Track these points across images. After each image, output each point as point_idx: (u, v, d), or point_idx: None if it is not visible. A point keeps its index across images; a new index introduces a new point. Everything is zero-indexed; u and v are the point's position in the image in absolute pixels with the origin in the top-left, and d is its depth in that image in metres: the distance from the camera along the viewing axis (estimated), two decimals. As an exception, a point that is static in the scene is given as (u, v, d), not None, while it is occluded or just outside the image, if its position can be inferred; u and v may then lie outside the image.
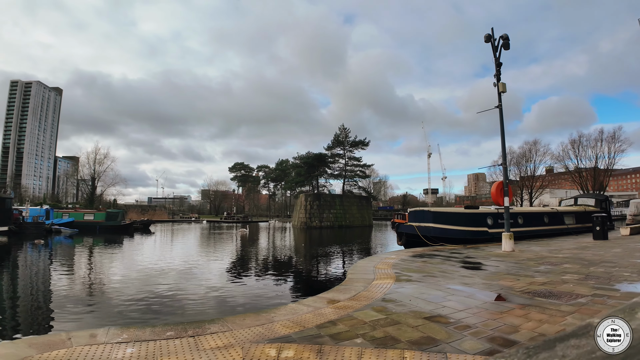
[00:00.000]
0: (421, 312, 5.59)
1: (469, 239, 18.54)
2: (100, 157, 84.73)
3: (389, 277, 8.76)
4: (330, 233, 42.44)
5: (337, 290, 7.71)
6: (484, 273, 9.11)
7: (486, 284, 7.74)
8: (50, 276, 14.55)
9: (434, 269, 9.79)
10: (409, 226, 19.83)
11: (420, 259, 12.11)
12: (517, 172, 70.01)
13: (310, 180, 62.26)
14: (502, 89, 14.83)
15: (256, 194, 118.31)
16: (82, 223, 41.10)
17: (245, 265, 17.88)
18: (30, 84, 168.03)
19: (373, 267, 10.29)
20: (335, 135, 64.91)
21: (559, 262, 10.54)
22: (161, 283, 12.47)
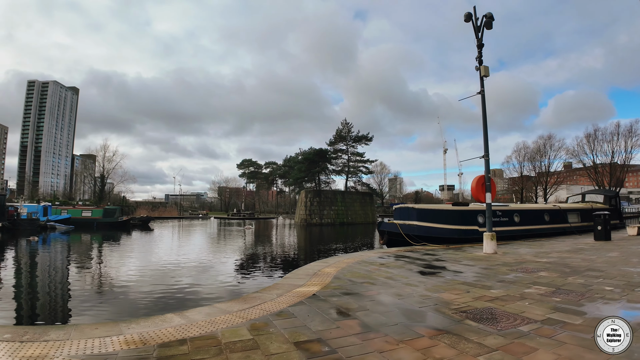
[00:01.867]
0: (300, 334, 4.41)
1: (456, 239, 17.02)
2: (110, 154, 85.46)
3: (319, 284, 7.48)
4: (328, 230, 41.09)
5: (243, 299, 6.61)
6: (436, 281, 7.66)
7: (424, 296, 6.31)
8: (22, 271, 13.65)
9: (382, 275, 8.38)
10: (391, 224, 18.38)
11: (381, 260, 10.73)
12: (532, 167, 67.32)
13: (311, 177, 60.72)
14: (484, 73, 13.22)
15: (265, 190, 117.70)
16: (80, 220, 40.86)
17: (186, 262, 16.69)
18: (47, 84, 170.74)
19: (317, 271, 9.03)
20: (337, 130, 63.42)
21: (536, 269, 8.99)
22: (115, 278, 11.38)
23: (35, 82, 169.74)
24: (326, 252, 20.90)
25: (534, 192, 66.58)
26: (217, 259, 18.23)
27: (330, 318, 5.09)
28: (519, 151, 69.34)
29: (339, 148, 63.88)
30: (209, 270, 14.60)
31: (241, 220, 67.71)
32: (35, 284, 12.49)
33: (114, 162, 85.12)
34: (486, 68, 13.19)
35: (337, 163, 63.39)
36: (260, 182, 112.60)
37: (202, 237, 34.68)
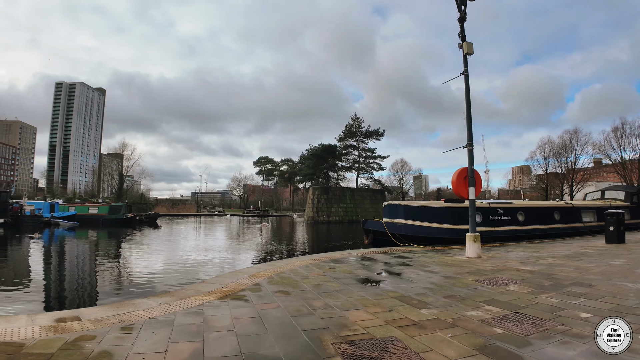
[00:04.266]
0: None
1: (447, 239, 15.30)
2: (128, 153, 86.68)
3: (224, 292, 6.11)
4: (334, 228, 39.57)
5: (117, 305, 5.35)
6: (368, 293, 6.19)
7: (329, 313, 4.87)
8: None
9: (312, 282, 6.98)
10: (377, 222, 16.81)
11: (335, 263, 9.24)
12: (557, 163, 63.63)
13: (319, 173, 59.09)
14: (467, 50, 11.51)
15: (282, 188, 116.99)
16: (86, 216, 40.96)
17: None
18: (74, 85, 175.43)
19: (253, 273, 7.82)
20: (347, 125, 61.38)
21: (508, 281, 7.33)
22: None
23: (62, 83, 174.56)
24: (311, 251, 19.49)
25: (560, 189, 63.00)
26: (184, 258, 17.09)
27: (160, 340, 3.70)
28: (544, 146, 65.70)
29: (349, 144, 61.96)
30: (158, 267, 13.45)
31: (257, 218, 67.08)
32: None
33: (132, 160, 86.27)
34: (469, 45, 11.48)
35: (347, 159, 61.71)
36: (278, 180, 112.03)
37: (203, 235, 33.78)
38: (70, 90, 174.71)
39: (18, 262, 15.12)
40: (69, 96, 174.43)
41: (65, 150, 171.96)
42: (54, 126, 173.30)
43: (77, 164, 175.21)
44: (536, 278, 7.52)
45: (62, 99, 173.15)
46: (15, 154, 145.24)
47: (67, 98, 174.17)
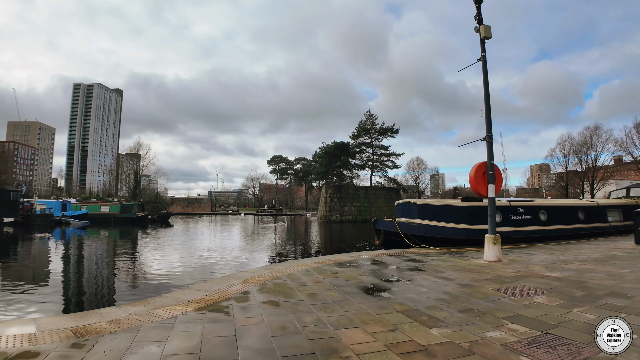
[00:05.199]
0: None
1: (464, 240, 14.35)
2: (143, 152, 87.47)
3: (206, 302, 5.32)
4: (347, 228, 38.58)
5: (82, 315, 4.69)
6: (372, 305, 5.34)
7: (317, 332, 4.05)
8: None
9: (309, 291, 6.17)
10: (389, 222, 15.90)
11: (340, 268, 8.40)
12: (577, 161, 61.47)
13: (332, 172, 57.95)
14: (485, 34, 10.51)
15: (296, 187, 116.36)
16: (98, 215, 40.97)
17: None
18: (92, 87, 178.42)
19: (246, 279, 7.07)
20: (360, 122, 60.06)
21: (534, 291, 6.41)
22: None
23: (80, 85, 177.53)
24: (318, 252, 18.66)
25: (580, 187, 60.89)
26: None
27: None
28: (564, 144, 63.57)
29: (362, 141, 60.65)
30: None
31: (271, 216, 66.58)
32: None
33: (147, 160, 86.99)
34: (487, 28, 10.47)
35: (361, 157, 60.53)
36: (292, 179, 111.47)
37: (215, 234, 33.23)
38: (88, 92, 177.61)
39: (17, 262, 14.65)
40: (87, 97, 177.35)
41: (84, 151, 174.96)
42: (72, 127, 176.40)
43: (95, 163, 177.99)
44: (566, 287, 6.57)
45: (80, 100, 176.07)
46: (34, 154, 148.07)
47: (85, 99, 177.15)
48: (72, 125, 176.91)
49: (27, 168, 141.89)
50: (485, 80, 10.94)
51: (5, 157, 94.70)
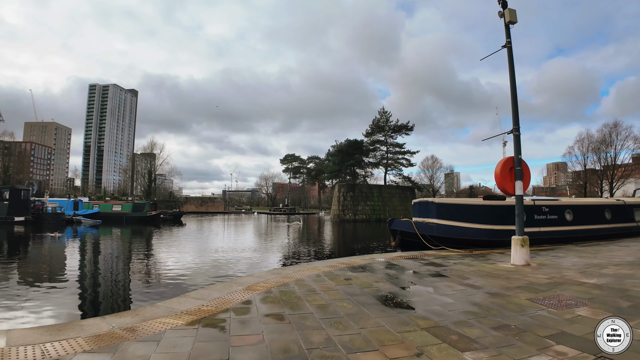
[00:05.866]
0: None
1: (486, 242, 13.50)
2: (157, 152, 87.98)
3: (201, 314, 4.66)
4: (361, 227, 37.72)
5: (60, 327, 4.06)
6: (391, 321, 4.62)
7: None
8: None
9: (318, 301, 5.47)
10: (405, 222, 15.10)
11: (352, 273, 7.66)
12: (596, 159, 59.66)
13: (345, 170, 56.96)
14: (509, 18, 9.67)
15: (309, 185, 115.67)
16: (110, 214, 40.88)
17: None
18: (107, 87, 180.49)
19: (251, 284, 6.38)
20: (374, 119, 59.05)
21: (574, 301, 5.62)
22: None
23: (96, 85, 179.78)
24: (330, 254, 17.90)
25: (599, 186, 59.12)
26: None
27: None
28: (582, 141, 61.67)
29: (376, 139, 59.39)
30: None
31: (283, 215, 66.12)
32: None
33: (160, 159, 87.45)
34: (512, 12, 9.63)
35: (375, 155, 59.38)
36: (305, 177, 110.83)
37: (227, 234, 32.70)
38: (103, 92, 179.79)
39: (24, 262, 14.25)
40: (102, 98, 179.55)
41: (100, 150, 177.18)
42: (88, 127, 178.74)
43: (111, 163, 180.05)
44: (608, 296, 5.76)
45: (96, 100, 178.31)
46: (51, 154, 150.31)
47: (101, 100, 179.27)
48: (88, 125, 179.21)
49: (43, 168, 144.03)
50: (511, 68, 10.11)
51: (22, 157, 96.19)
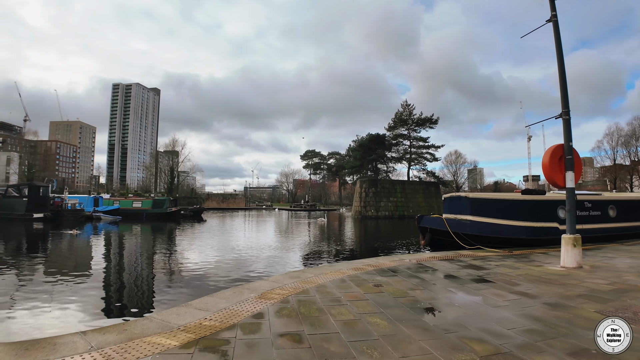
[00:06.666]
0: None
1: (525, 241, 12.34)
2: (178, 149, 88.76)
3: (200, 332, 3.79)
4: (383, 224, 36.54)
5: (29, 345, 3.09)
6: (412, 351, 3.57)
7: None
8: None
9: (345, 315, 4.52)
10: (436, 219, 13.98)
11: (382, 277, 6.66)
12: (626, 154, 56.95)
13: (366, 165, 55.42)
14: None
15: (330, 182, 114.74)
16: (130, 210, 40.80)
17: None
18: (130, 86, 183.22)
19: (256, 295, 5.42)
20: (397, 113, 56.99)
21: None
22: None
23: (119, 85, 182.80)
24: (353, 253, 16.85)
25: (629, 181, 56.46)
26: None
27: None
28: (611, 135, 59.01)
29: (399, 133, 57.37)
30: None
31: (304, 212, 65.41)
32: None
33: (182, 156, 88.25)
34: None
35: (397, 150, 57.60)
36: (326, 174, 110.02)
37: (247, 230, 32.03)
38: (126, 91, 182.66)
39: (40, 260, 13.77)
40: (125, 97, 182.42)
41: (124, 148, 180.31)
42: (112, 125, 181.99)
43: (135, 160, 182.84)
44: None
45: (120, 99, 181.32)
46: (76, 152, 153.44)
47: (124, 98, 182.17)
48: (112, 123, 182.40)
49: (69, 166, 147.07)
50: (557, 44, 8.91)
51: (47, 155, 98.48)
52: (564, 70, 8.75)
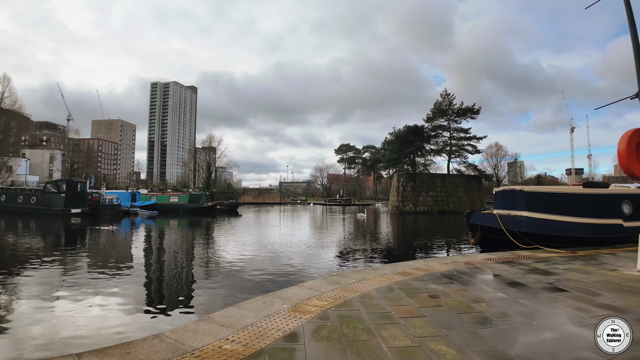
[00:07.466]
0: None
1: (587, 239, 10.96)
2: (215, 144, 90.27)
3: (224, 357, 2.93)
4: (423, 220, 34.82)
5: None
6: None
7: None
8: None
9: (401, 341, 3.52)
10: (487, 216, 12.72)
11: (435, 285, 5.64)
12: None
13: (404, 158, 53.38)
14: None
15: (365, 176, 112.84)
16: (167, 205, 41.18)
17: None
18: (168, 85, 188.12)
19: (289, 307, 4.56)
20: (435, 103, 54.32)
21: None
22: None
23: (157, 84, 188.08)
24: (395, 252, 15.75)
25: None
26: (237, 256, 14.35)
27: None
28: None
29: (438, 124, 54.86)
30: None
31: (339, 207, 64.46)
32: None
33: (218, 152, 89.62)
34: None
35: (437, 142, 55.00)
36: (361, 168, 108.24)
37: (282, 226, 31.49)
38: (164, 90, 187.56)
39: (71, 258, 13.58)
40: (163, 95, 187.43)
41: (163, 145, 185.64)
42: (151, 123, 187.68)
43: (174, 157, 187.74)
44: None
45: (158, 97, 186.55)
46: (117, 149, 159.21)
47: (163, 97, 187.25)
48: (151, 121, 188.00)
49: (111, 162, 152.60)
50: (629, 14, 7.47)
51: (90, 152, 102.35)
52: (638, 43, 7.36)
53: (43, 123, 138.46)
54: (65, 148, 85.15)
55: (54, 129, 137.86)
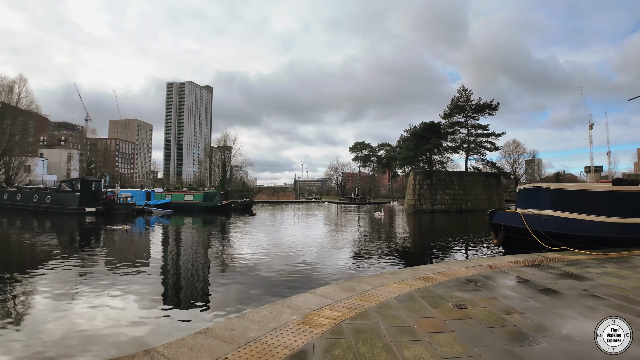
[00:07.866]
0: None
1: (616, 240, 10.34)
2: (230, 143, 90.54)
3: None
4: (440, 219, 33.95)
5: None
6: None
7: None
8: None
9: (422, 359, 3.00)
10: (511, 215, 12.07)
11: (460, 292, 5.12)
12: None
13: (420, 156, 52.25)
14: None
15: (380, 174, 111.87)
16: (182, 204, 41.26)
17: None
18: (183, 85, 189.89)
19: (299, 318, 4.10)
20: (453, 99, 53.14)
21: None
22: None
23: (173, 83, 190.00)
24: (414, 254, 15.18)
25: None
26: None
27: None
28: None
29: (455, 121, 53.68)
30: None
31: (354, 205, 63.94)
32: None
33: (233, 150, 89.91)
34: None
35: (454, 139, 54.07)
36: (376, 166, 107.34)
37: (297, 225, 31.07)
38: (180, 90, 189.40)
39: (73, 260, 13.41)
40: (179, 95, 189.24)
41: (179, 144, 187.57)
42: (168, 123, 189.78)
43: (190, 156, 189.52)
44: None
45: (174, 97, 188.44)
46: (134, 149, 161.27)
47: (178, 97, 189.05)
48: (167, 121, 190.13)
49: (127, 162, 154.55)
50: None
51: (107, 152, 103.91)
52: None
53: (61, 123, 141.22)
54: (83, 148, 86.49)
55: (72, 129, 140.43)
